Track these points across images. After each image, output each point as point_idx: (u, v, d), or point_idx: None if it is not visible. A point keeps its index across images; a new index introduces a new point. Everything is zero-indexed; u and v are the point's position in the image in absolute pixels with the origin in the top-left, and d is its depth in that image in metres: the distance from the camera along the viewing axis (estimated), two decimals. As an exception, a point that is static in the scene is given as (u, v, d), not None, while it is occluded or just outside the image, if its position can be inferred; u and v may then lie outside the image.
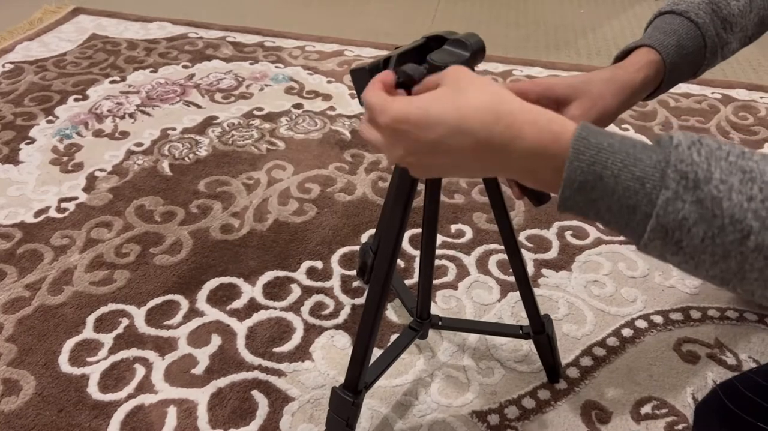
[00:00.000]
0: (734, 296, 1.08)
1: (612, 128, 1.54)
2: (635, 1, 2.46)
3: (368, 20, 2.22)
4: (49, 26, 2.07)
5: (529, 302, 0.84)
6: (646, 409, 0.91)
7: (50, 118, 1.57)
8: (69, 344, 0.98)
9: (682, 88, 1.76)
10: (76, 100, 1.65)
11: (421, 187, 0.72)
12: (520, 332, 0.89)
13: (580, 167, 0.41)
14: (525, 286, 0.82)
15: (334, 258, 1.16)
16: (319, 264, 1.14)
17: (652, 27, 0.70)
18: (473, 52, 0.54)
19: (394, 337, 0.99)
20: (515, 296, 1.08)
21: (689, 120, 1.61)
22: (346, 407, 0.75)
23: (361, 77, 0.53)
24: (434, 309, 1.04)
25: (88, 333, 1.00)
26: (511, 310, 1.06)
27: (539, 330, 0.87)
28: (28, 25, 2.07)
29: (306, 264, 1.14)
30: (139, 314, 1.03)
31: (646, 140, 0.44)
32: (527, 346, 0.99)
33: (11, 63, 1.83)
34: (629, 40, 2.06)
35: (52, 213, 1.25)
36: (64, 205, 1.27)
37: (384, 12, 2.28)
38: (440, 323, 0.90)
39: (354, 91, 0.63)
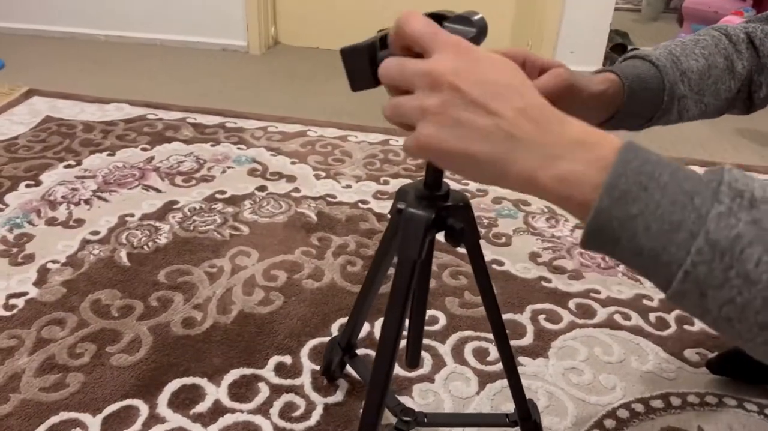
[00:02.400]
0: (712, 381, 1.07)
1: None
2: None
3: (330, 100, 2.24)
4: (1, 109, 2.02)
5: (516, 388, 0.83)
6: None
7: (0, 206, 1.50)
8: (14, 461, 0.90)
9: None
10: (27, 186, 1.59)
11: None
12: (507, 420, 0.88)
13: (624, 174, 0.37)
14: (511, 371, 0.82)
15: (304, 352, 1.10)
16: (287, 359, 1.09)
17: (614, 66, 0.72)
18: (479, 29, 0.49)
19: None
20: (494, 387, 1.04)
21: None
22: None
23: (356, 57, 0.49)
24: (411, 405, 1.00)
25: (36, 447, 0.92)
26: (490, 403, 1.02)
27: (526, 416, 0.86)
28: (-22, 107, 2.01)
29: (274, 360, 1.09)
30: (94, 424, 0.95)
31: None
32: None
33: (-41, 148, 1.76)
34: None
35: (-1, 311, 1.17)
36: (12, 301, 1.19)
37: (345, 92, 2.30)
38: (426, 420, 0.86)
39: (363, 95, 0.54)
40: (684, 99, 0.71)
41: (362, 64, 0.47)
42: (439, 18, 0.50)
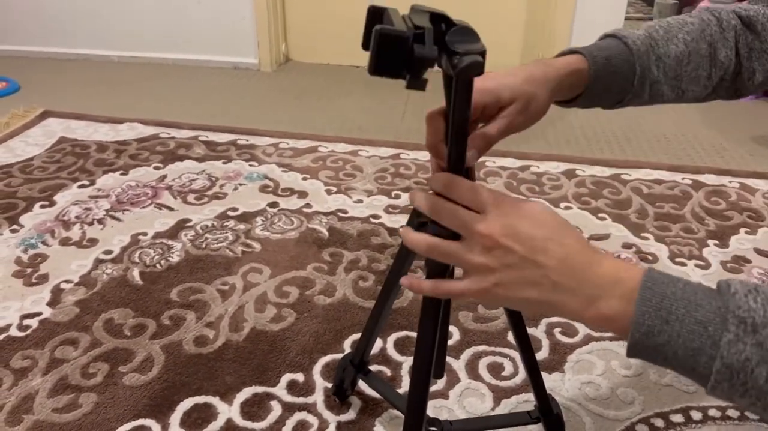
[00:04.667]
0: (733, 393, 1.05)
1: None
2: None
3: (340, 115, 2.24)
4: (16, 131, 2.05)
5: (536, 383, 0.86)
6: None
7: (14, 227, 1.51)
8: (27, 483, 0.89)
9: (653, 175, 1.79)
10: (42, 206, 1.60)
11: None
12: (529, 417, 0.90)
13: (647, 311, 0.45)
14: (532, 366, 0.84)
15: (316, 369, 1.10)
16: (300, 377, 1.08)
17: (592, 44, 0.72)
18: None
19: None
20: (509, 403, 1.02)
21: (664, 207, 1.62)
22: None
23: (394, 44, 0.46)
24: (425, 423, 0.99)
25: (48, 469, 0.91)
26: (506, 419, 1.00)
27: (547, 411, 0.87)
28: (-6, 130, 2.04)
29: (286, 378, 1.08)
30: (106, 445, 0.95)
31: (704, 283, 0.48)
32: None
33: (-25, 170, 1.79)
34: (595, 127, 2.12)
35: (13, 332, 1.17)
36: (26, 322, 1.20)
37: (355, 107, 2.31)
38: (452, 425, 0.86)
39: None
40: (657, 84, 0.71)
41: (398, 54, 0.45)
42: (441, 19, 0.49)
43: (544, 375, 1.08)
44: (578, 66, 0.68)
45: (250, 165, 1.84)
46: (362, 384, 1.04)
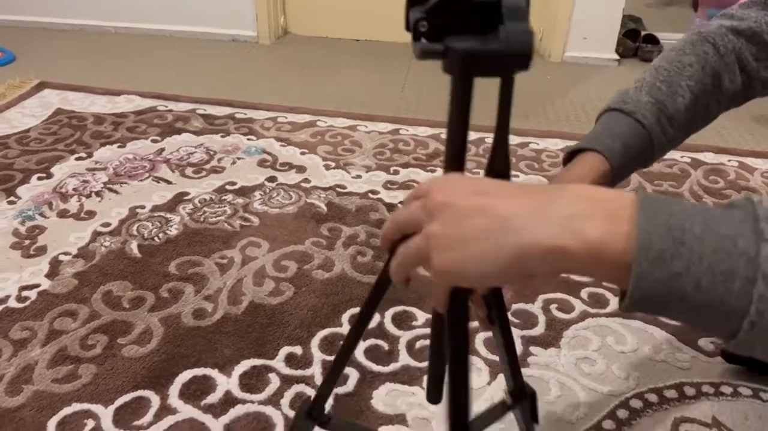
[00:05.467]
0: (727, 369, 1.06)
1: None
2: (597, 69, 2.53)
3: (339, 90, 2.23)
4: (12, 101, 2.03)
5: (514, 367, 0.75)
6: (650, 499, 0.86)
7: (12, 198, 1.51)
8: (28, 452, 0.90)
9: (651, 152, 1.78)
10: (39, 178, 1.60)
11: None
12: (505, 406, 0.79)
13: (656, 231, 0.34)
14: (510, 349, 0.75)
15: (314, 342, 1.10)
16: (298, 350, 1.09)
17: (600, 125, 0.72)
18: None
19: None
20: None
21: (662, 185, 1.62)
22: None
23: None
24: (422, 396, 1.00)
25: (49, 438, 0.92)
26: (502, 393, 1.01)
27: (521, 394, 0.78)
28: (-10, 101, 2.02)
29: (284, 350, 1.08)
30: (105, 415, 0.96)
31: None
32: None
33: (-28, 141, 1.78)
34: (595, 104, 2.11)
35: (12, 303, 1.18)
36: (25, 293, 1.20)
37: (355, 81, 2.29)
38: None
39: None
40: (676, 139, 0.72)
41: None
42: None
43: (539, 350, 1.09)
44: (597, 167, 0.66)
45: (249, 139, 1.83)
46: (359, 354, 1.05)
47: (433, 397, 0.78)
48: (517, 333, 1.13)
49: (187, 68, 2.42)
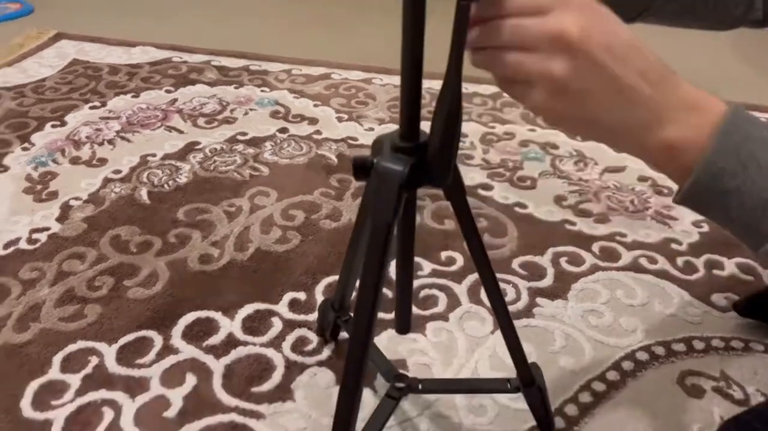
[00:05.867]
0: (739, 324, 1.03)
1: (606, 149, 1.50)
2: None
3: (356, 43, 2.19)
4: (30, 52, 2.03)
5: (515, 349, 0.75)
6: (651, 449, 0.85)
7: (26, 145, 1.52)
8: (33, 386, 0.92)
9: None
10: (53, 126, 1.60)
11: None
12: (508, 386, 0.81)
13: (726, 149, 0.39)
14: (509, 329, 0.74)
15: (318, 289, 1.10)
16: (302, 296, 1.08)
17: None
18: None
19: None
20: (509, 327, 1.02)
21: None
22: None
23: None
24: (424, 342, 0.99)
25: (54, 373, 0.94)
26: (504, 344, 1.00)
27: (528, 382, 0.79)
28: (7, 51, 2.02)
29: (288, 296, 1.08)
30: (109, 353, 0.97)
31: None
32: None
33: (-12, 89, 1.78)
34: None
35: (23, 245, 1.19)
36: (35, 236, 1.21)
37: (371, 34, 2.25)
38: (420, 387, 0.81)
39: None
40: None
41: None
42: None
43: (546, 302, 1.08)
44: None
45: (262, 91, 1.81)
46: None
47: (400, 327, 0.78)
48: (523, 285, 1.11)
49: (202, 20, 2.40)
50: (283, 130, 1.61)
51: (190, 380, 0.93)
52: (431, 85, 0.46)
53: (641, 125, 0.42)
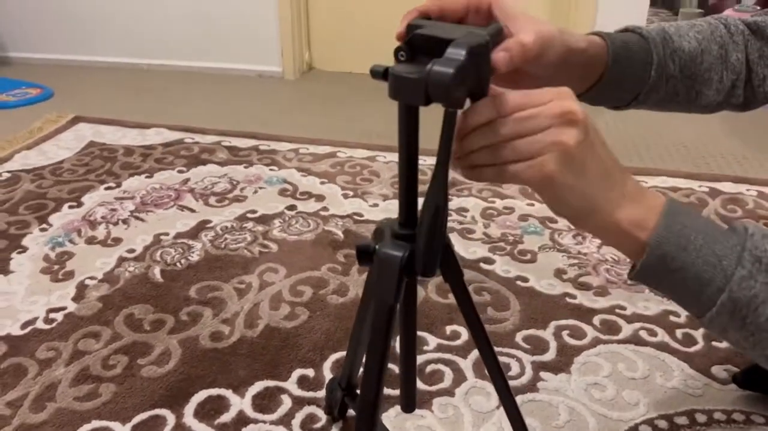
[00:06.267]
0: (740, 397, 1.05)
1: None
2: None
3: (360, 122, 2.28)
4: (49, 135, 2.13)
5: (518, 425, 0.78)
6: None
7: (44, 226, 1.58)
8: (48, 466, 0.94)
9: (670, 182, 1.79)
10: (70, 207, 1.67)
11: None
12: None
13: (668, 237, 0.47)
14: (511, 406, 0.77)
15: (326, 365, 1.13)
16: (310, 372, 1.11)
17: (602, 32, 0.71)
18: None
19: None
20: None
21: (679, 213, 1.62)
22: None
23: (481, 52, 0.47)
24: (431, 419, 1.01)
25: (68, 453, 0.96)
26: (510, 418, 1.02)
27: None
28: (27, 134, 2.12)
29: (297, 373, 1.11)
30: (123, 432, 0.99)
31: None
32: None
33: (9, 172, 1.86)
34: (614, 134, 2.12)
35: (40, 324, 1.23)
36: (52, 315, 1.25)
37: (375, 114, 2.35)
38: None
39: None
40: (673, 80, 0.70)
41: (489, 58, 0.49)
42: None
43: (549, 376, 1.10)
44: (596, 42, 0.65)
45: (271, 169, 1.89)
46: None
47: (405, 406, 0.80)
48: (526, 359, 1.13)
49: (214, 103, 2.51)
50: (291, 207, 1.67)
51: (202, 459, 0.95)
52: (431, 162, 0.51)
53: (614, 201, 0.49)
